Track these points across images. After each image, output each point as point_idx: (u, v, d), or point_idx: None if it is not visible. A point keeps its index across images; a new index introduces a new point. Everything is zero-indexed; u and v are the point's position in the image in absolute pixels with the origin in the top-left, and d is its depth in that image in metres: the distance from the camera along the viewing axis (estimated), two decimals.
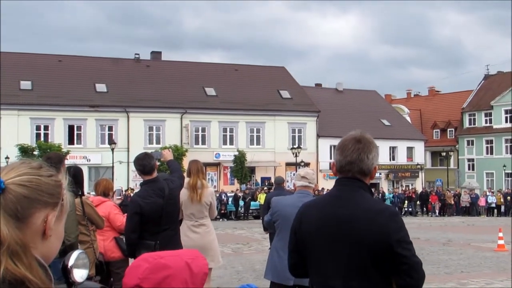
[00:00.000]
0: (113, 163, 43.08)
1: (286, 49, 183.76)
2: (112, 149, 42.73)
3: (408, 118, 66.76)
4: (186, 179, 7.08)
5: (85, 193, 7.75)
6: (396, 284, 2.90)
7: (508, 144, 59.95)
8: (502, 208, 42.82)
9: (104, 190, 7.63)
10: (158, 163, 6.72)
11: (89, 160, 45.55)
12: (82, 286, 1.49)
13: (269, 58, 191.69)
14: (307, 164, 46.51)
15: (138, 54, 55.51)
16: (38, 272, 1.35)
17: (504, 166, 57.75)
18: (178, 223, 6.56)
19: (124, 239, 7.16)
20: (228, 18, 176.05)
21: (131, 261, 6.92)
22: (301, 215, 3.14)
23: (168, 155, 6.90)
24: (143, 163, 6.20)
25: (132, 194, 36.77)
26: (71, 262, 1.46)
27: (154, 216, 6.03)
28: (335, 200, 3.01)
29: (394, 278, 2.87)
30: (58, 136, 45.13)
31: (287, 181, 46.15)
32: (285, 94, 55.03)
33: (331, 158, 53.94)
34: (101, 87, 48.66)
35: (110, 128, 47.72)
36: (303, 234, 3.07)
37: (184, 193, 6.90)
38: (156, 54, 57.64)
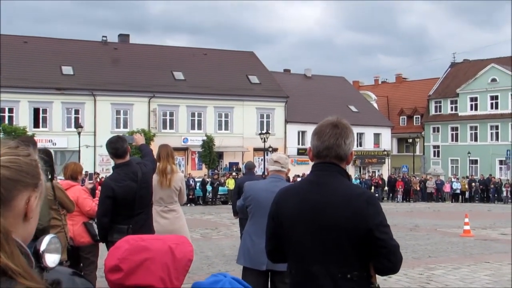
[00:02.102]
0: (79, 147, 42.62)
1: (253, 34, 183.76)
2: (79, 133, 42.24)
3: (375, 105, 67.28)
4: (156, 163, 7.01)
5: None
6: (375, 268, 2.92)
7: (473, 131, 60.93)
8: (467, 194, 43.55)
9: (72, 173, 7.48)
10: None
11: (55, 143, 44.91)
12: (54, 271, 1.44)
13: (236, 42, 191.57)
14: (275, 150, 46.59)
15: (106, 37, 54.80)
16: (20, 260, 1.29)
17: (469, 153, 58.69)
18: (151, 207, 6.50)
19: (93, 224, 7.10)
20: (193, 2, 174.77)
21: (101, 246, 6.88)
22: (278, 200, 3.13)
23: (140, 139, 6.82)
24: (116, 146, 6.11)
25: (98, 179, 36.53)
26: (43, 246, 1.41)
27: (127, 200, 5.97)
28: (313, 185, 3.01)
29: (373, 261, 2.89)
30: (23, 119, 44.42)
31: (255, 166, 46.15)
32: (254, 79, 54.98)
33: (299, 144, 54.24)
34: (67, 70, 47.96)
35: (77, 112, 47.11)
36: (281, 219, 3.06)
37: (154, 178, 6.81)
38: (124, 37, 56.97)
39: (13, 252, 1.29)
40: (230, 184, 35.81)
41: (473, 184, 43.58)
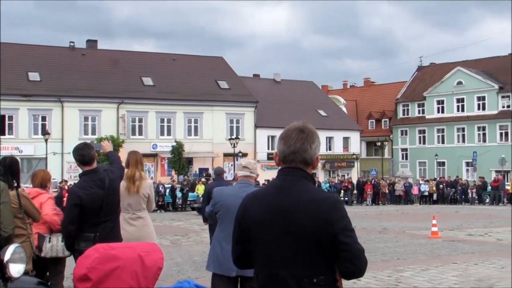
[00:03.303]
0: (46, 154, 42.11)
1: (221, 38, 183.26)
2: (46, 140, 41.71)
3: (344, 109, 67.77)
4: (124, 170, 6.97)
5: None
6: (340, 271, 2.95)
7: (440, 134, 61.73)
8: (435, 196, 44.04)
9: (42, 181, 7.37)
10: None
11: (22, 151, 44.32)
12: (19, 281, 1.44)
13: (204, 47, 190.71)
14: (244, 155, 46.62)
15: (73, 42, 54.32)
16: None
17: (436, 155, 59.41)
18: (118, 215, 6.46)
19: (47, 238, 6.98)
20: (159, 6, 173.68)
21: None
22: (245, 206, 3.14)
23: (108, 147, 6.78)
24: (83, 153, 6.07)
25: (66, 186, 36.08)
26: (7, 256, 1.41)
27: (94, 207, 5.92)
28: (279, 190, 3.03)
29: (338, 265, 2.92)
30: None
31: (225, 172, 46.13)
32: (223, 84, 54.99)
33: (268, 149, 54.35)
34: (34, 76, 47.42)
35: (44, 118, 46.58)
36: (247, 225, 3.07)
37: (121, 185, 6.75)
38: (92, 43, 56.51)
39: None
40: (200, 190, 35.65)
41: (441, 186, 44.10)
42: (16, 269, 1.40)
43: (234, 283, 5.51)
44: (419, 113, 63.91)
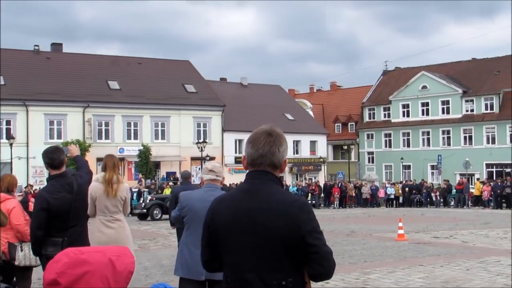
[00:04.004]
0: (11, 158, 41.48)
1: (185, 42, 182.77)
2: (11, 144, 41.12)
3: (311, 113, 68.13)
4: (101, 174, 6.95)
5: None
6: (308, 274, 2.96)
7: (405, 138, 62.41)
8: (401, 199, 44.51)
9: (9, 186, 7.31)
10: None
11: None
12: None
13: (168, 50, 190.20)
14: (212, 158, 46.57)
15: (38, 46, 53.71)
16: None
17: (402, 158, 60.06)
18: (86, 220, 6.42)
19: (18, 247, 6.94)
20: (122, 9, 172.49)
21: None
22: (213, 209, 3.14)
23: (75, 151, 6.75)
24: (53, 157, 6.05)
25: (32, 191, 35.56)
26: None
27: (62, 212, 5.88)
28: (247, 193, 3.03)
29: (306, 267, 2.93)
30: None
31: (193, 176, 45.99)
32: (190, 88, 54.89)
33: (236, 152, 54.36)
34: None
35: (8, 123, 45.94)
36: (216, 228, 3.07)
37: (99, 188, 6.76)
38: (56, 46, 55.93)
39: None
40: (168, 193, 35.44)
41: (406, 189, 44.57)
42: None
43: (203, 287, 5.50)
44: (384, 116, 64.54)
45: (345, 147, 59.63)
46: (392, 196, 44.60)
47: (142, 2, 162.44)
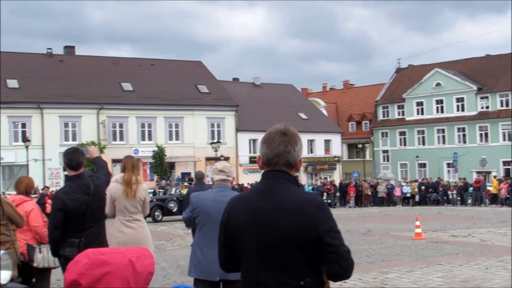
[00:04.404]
0: (27, 161, 41.77)
1: (196, 42, 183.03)
2: (27, 147, 41.41)
3: (324, 111, 67.98)
4: (120, 174, 7.00)
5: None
6: (327, 273, 2.94)
7: (420, 136, 62.07)
8: (417, 197, 44.24)
9: (27, 188, 7.39)
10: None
11: (2, 158, 43.98)
12: None
13: (179, 51, 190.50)
14: (226, 159, 46.60)
15: (51, 49, 54.04)
16: None
17: (417, 156, 59.77)
18: (103, 221, 6.43)
19: (37, 248, 7.01)
20: (132, 10, 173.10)
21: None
22: (229, 209, 3.13)
23: (95, 152, 6.77)
24: (71, 158, 6.09)
25: (48, 193, 35.79)
26: None
27: (78, 213, 5.90)
28: (263, 193, 3.02)
29: (324, 267, 2.91)
30: None
31: (207, 176, 46.06)
32: (203, 88, 54.97)
33: (250, 152, 54.35)
34: (12, 83, 47.04)
35: (24, 125, 46.26)
36: (232, 228, 3.06)
37: (118, 188, 6.85)
38: (69, 49, 56.23)
39: None
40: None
41: (423, 187, 44.29)
42: (3, 276, 1.39)
43: (217, 287, 5.48)
44: (399, 114, 64.22)
45: (360, 146, 59.53)
46: (408, 195, 44.37)
47: (153, 3, 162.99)
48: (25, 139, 42.32)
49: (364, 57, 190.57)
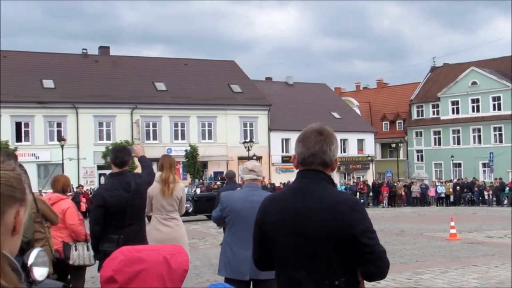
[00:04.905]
0: (63, 160, 42.36)
1: (228, 42, 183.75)
2: (62, 146, 42.00)
3: (357, 111, 67.58)
4: (158, 173, 7.07)
5: (35, 190, 7.59)
6: (362, 273, 2.92)
7: (455, 135, 61.27)
8: (452, 197, 43.73)
9: (63, 186, 7.50)
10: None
11: (38, 157, 44.68)
12: (42, 285, 1.43)
13: (211, 51, 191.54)
14: (259, 158, 46.64)
15: (86, 49, 54.68)
16: (10, 276, 1.28)
17: (452, 156, 59.02)
18: (143, 220, 6.49)
19: (72, 246, 7.12)
20: (165, 11, 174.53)
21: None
22: (263, 208, 3.13)
23: (140, 151, 6.83)
24: (116, 155, 6.19)
25: (82, 191, 36.25)
26: (30, 260, 1.40)
27: (118, 209, 5.98)
28: (298, 193, 3.01)
29: (360, 267, 2.89)
30: (5, 133, 43.99)
31: (239, 175, 46.16)
32: (236, 88, 55.06)
33: (283, 152, 54.29)
34: (48, 83, 47.76)
35: (59, 125, 46.90)
36: (266, 227, 3.06)
37: (155, 187, 6.92)
38: (104, 49, 56.85)
39: (3, 268, 1.28)
40: None
41: (458, 187, 43.75)
42: (39, 273, 1.39)
43: (247, 287, 5.48)
44: (433, 114, 63.48)
45: (393, 145, 59.00)
46: (443, 195, 43.87)
47: (185, 3, 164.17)
48: (61, 138, 42.90)
49: (398, 56, 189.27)
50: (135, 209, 6.13)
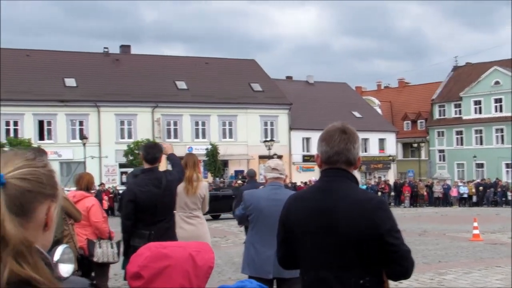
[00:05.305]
0: (85, 158, 42.69)
1: (247, 41, 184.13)
2: (84, 144, 42.33)
3: (379, 110, 67.25)
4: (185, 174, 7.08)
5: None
6: (387, 273, 2.91)
7: (478, 135, 60.69)
8: (474, 198, 43.34)
9: (88, 184, 7.55)
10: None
11: (60, 155, 45.04)
12: (68, 281, 1.44)
13: (231, 50, 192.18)
14: (279, 157, 46.55)
15: (107, 48, 55.08)
16: (44, 271, 1.30)
17: (475, 156, 58.50)
18: (173, 217, 6.52)
19: (96, 243, 7.19)
20: (185, 10, 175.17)
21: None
22: (288, 207, 3.13)
23: (169, 149, 6.84)
24: (148, 151, 6.26)
25: (104, 189, 36.51)
26: (56, 257, 1.41)
27: (148, 205, 6.02)
28: (322, 192, 3.00)
29: (384, 266, 2.88)
30: (28, 132, 44.55)
31: (260, 174, 46.17)
32: (256, 87, 55.06)
33: (303, 151, 54.20)
34: (70, 82, 48.14)
35: (81, 123, 47.26)
36: (291, 226, 3.06)
37: (179, 185, 6.93)
38: (125, 48, 57.19)
39: (36, 263, 1.29)
40: None
41: (480, 188, 43.33)
42: (65, 269, 1.40)
43: (270, 285, 5.48)
44: (455, 113, 62.95)
45: (415, 145, 58.68)
46: (465, 195, 43.51)
47: (205, 2, 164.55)
48: (83, 137, 43.24)
49: (420, 55, 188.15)
50: (165, 205, 6.18)
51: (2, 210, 1.29)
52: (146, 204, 6.01)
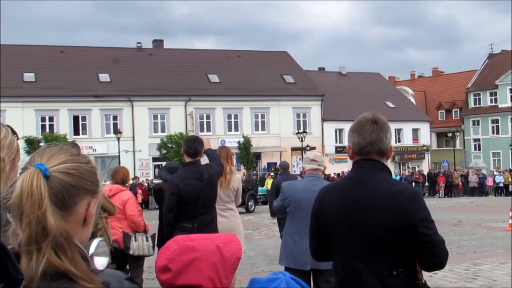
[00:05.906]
0: (119, 152, 43.13)
1: (279, 33, 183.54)
2: (118, 139, 42.76)
3: (412, 100, 66.58)
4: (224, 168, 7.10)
5: None
6: (420, 264, 2.90)
7: None
8: (510, 187, 42.69)
9: (123, 178, 7.65)
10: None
11: (95, 150, 45.58)
12: (102, 274, 1.46)
13: (263, 42, 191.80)
14: (312, 148, 46.40)
15: (140, 43, 55.44)
16: (81, 265, 1.35)
17: (511, 145, 57.56)
18: (215, 210, 6.55)
19: (132, 237, 7.27)
20: (216, 3, 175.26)
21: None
22: (321, 199, 3.13)
23: (207, 144, 6.88)
24: (189, 145, 6.30)
25: (138, 183, 36.81)
26: (91, 250, 1.44)
27: (191, 198, 6.07)
28: (355, 183, 3.01)
29: (418, 257, 2.87)
30: (63, 127, 45.18)
31: (293, 166, 46.15)
32: (289, 79, 54.90)
33: (336, 142, 53.96)
34: (104, 77, 48.63)
35: (115, 118, 47.73)
36: (324, 218, 3.06)
37: None
38: (158, 43, 57.56)
39: (74, 256, 1.34)
40: (269, 184, 35.79)
41: None
42: (100, 262, 1.43)
43: (308, 276, 5.48)
44: (491, 102, 62.03)
45: (450, 135, 57.84)
46: (501, 185, 42.88)
47: None
48: (117, 131, 43.68)
49: (454, 43, 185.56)
50: (207, 198, 6.23)
51: (45, 202, 1.33)
52: (189, 197, 6.05)
